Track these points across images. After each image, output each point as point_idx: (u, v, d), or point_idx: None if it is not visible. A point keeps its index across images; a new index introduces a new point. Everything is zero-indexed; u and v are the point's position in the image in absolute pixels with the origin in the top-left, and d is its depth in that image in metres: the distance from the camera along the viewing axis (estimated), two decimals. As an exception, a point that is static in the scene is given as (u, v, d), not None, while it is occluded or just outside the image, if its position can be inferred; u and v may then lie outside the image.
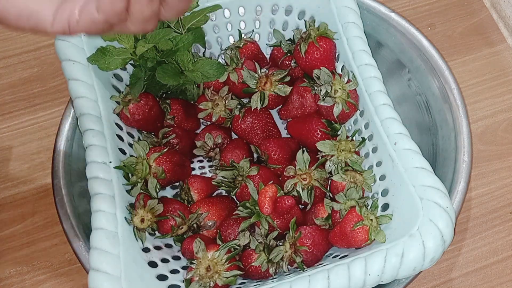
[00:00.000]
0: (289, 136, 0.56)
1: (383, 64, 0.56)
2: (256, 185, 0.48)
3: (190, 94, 0.54)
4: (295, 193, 0.49)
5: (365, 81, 0.47)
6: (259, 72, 0.53)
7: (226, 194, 0.53)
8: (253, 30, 0.57)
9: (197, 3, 0.49)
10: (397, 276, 0.38)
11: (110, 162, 0.45)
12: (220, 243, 0.47)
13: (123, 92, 0.51)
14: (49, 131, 0.61)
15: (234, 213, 0.48)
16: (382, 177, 0.45)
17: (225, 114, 0.54)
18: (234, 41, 0.57)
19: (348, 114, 0.50)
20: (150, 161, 0.48)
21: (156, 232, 0.48)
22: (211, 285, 0.43)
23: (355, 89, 0.49)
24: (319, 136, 0.51)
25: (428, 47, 0.55)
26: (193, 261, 0.44)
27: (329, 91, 0.49)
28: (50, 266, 0.55)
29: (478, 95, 0.63)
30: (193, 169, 0.56)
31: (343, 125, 0.51)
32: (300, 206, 0.52)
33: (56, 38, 0.47)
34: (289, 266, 0.46)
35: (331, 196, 0.50)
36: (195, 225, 0.49)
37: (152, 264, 0.44)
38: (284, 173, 0.50)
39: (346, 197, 0.46)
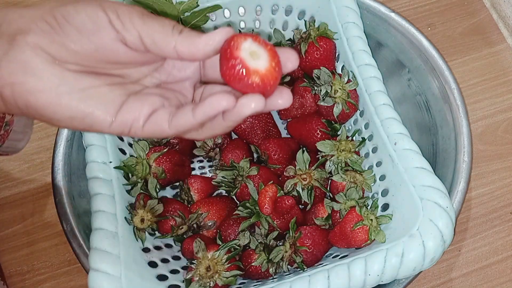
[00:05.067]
0: (289, 136, 0.56)
1: (383, 64, 0.56)
2: (256, 185, 0.48)
3: (190, 94, 0.54)
4: (295, 193, 0.49)
5: (365, 81, 0.47)
6: (259, 72, 0.53)
7: (226, 194, 0.53)
8: (253, 30, 0.57)
9: (197, 3, 0.49)
10: (397, 276, 0.38)
11: (110, 162, 0.45)
12: (220, 243, 0.47)
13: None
14: (49, 131, 0.61)
15: (234, 213, 0.48)
16: (382, 177, 0.45)
17: (225, 114, 0.54)
18: (234, 41, 0.57)
19: (348, 114, 0.50)
20: (150, 161, 0.48)
21: (156, 232, 0.48)
22: (211, 285, 0.43)
23: (355, 89, 0.49)
24: (319, 136, 0.51)
25: (428, 47, 0.55)
26: (193, 261, 0.44)
27: (329, 91, 0.49)
28: (50, 266, 0.55)
29: (478, 95, 0.63)
30: (193, 169, 0.56)
31: (343, 125, 0.51)
32: (300, 206, 0.52)
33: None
34: (289, 266, 0.46)
35: (331, 196, 0.50)
36: (195, 225, 0.49)
37: (152, 264, 0.44)
38: (284, 173, 0.50)
39: (346, 197, 0.46)
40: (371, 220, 0.43)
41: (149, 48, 0.28)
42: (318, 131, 0.52)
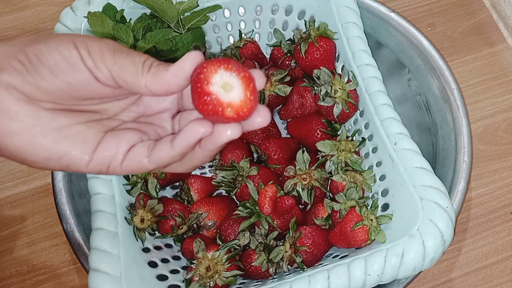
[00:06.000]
0: (289, 136, 0.56)
1: (383, 64, 0.56)
2: (256, 185, 0.48)
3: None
4: (295, 193, 0.49)
5: (365, 81, 0.47)
6: (259, 72, 0.53)
7: (226, 194, 0.53)
8: (253, 30, 0.57)
9: (197, 3, 0.49)
10: (397, 276, 0.38)
11: (110, 162, 0.44)
12: (220, 243, 0.47)
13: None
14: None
15: (234, 213, 0.48)
16: (382, 177, 0.45)
17: (225, 114, 0.54)
18: (234, 41, 0.57)
19: (348, 114, 0.50)
20: (150, 161, 0.48)
21: (156, 232, 0.48)
22: (211, 285, 0.43)
23: (355, 89, 0.49)
24: (319, 136, 0.51)
25: (428, 47, 0.55)
26: (193, 261, 0.44)
27: (329, 91, 0.49)
28: (50, 266, 0.55)
29: (478, 95, 0.63)
30: (193, 169, 0.56)
31: (343, 125, 0.51)
32: (300, 206, 0.52)
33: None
34: (289, 266, 0.46)
35: (331, 196, 0.50)
36: (195, 225, 0.49)
37: (152, 264, 0.44)
38: (284, 173, 0.50)
39: (346, 197, 0.46)
40: (371, 220, 0.43)
41: (123, 87, 0.27)
42: (318, 131, 0.51)
